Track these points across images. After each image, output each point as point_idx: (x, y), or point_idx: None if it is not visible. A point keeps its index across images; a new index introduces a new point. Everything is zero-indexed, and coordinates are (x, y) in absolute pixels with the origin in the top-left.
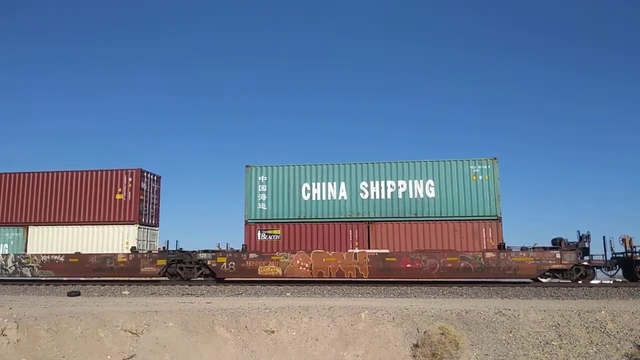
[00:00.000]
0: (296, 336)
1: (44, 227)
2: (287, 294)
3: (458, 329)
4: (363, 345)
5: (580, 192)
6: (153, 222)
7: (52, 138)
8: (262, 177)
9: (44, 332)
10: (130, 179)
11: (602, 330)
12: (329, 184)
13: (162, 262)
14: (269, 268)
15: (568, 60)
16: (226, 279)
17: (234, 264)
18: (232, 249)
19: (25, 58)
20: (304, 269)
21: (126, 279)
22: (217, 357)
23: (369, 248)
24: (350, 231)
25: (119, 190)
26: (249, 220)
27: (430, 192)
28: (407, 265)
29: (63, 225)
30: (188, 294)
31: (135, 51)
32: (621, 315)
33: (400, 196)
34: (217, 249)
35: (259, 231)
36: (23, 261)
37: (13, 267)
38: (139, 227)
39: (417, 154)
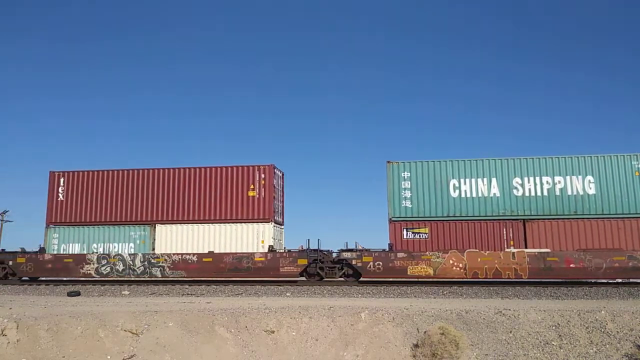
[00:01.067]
0: (296, 336)
1: (172, 225)
2: (287, 294)
3: (458, 329)
4: (363, 345)
5: None
6: (281, 220)
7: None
8: (405, 173)
9: (44, 332)
10: (262, 175)
11: (602, 330)
12: (479, 180)
13: (303, 261)
14: (419, 268)
15: None
16: (372, 279)
17: (380, 263)
18: (362, 248)
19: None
20: (458, 269)
21: (265, 279)
22: (217, 357)
23: (525, 247)
24: (504, 229)
25: (251, 186)
26: (393, 218)
27: (590, 188)
28: (571, 265)
29: (193, 223)
30: (188, 294)
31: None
32: (621, 315)
33: (557, 193)
34: (360, 247)
35: (405, 229)
36: (152, 261)
37: (142, 267)
38: (273, 226)
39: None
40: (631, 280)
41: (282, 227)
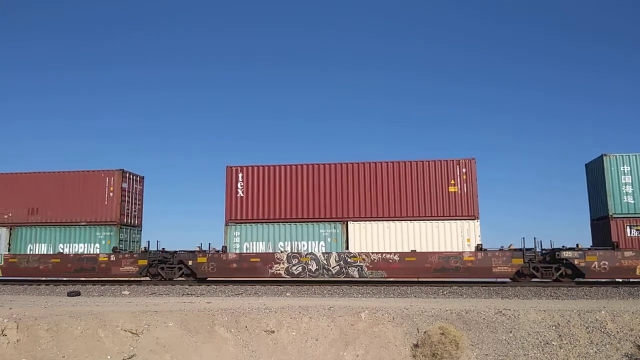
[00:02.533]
0: (296, 336)
1: (366, 222)
2: (287, 294)
3: (458, 329)
4: (363, 345)
5: None
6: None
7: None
8: (625, 167)
9: (44, 332)
10: (463, 170)
11: (602, 330)
12: None
13: (519, 261)
14: None
15: None
16: (596, 280)
17: (606, 263)
18: (583, 247)
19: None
20: None
21: (474, 280)
22: (217, 357)
23: None
24: None
25: (452, 182)
26: (615, 215)
27: None
28: None
29: (388, 220)
30: (188, 294)
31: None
32: (621, 315)
33: None
34: (579, 247)
35: (628, 227)
36: (349, 260)
37: (337, 267)
38: (479, 223)
39: None
40: None
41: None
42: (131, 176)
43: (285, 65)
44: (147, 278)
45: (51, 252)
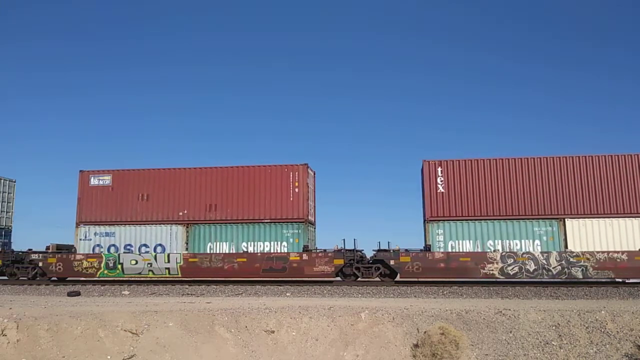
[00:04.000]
0: (296, 336)
1: (587, 219)
2: (287, 294)
3: (458, 329)
4: (363, 345)
5: None
6: None
7: None
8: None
9: (44, 332)
10: None
11: (602, 330)
12: None
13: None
14: None
15: None
16: None
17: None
18: None
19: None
20: None
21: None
22: (217, 357)
23: None
24: None
25: None
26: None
27: None
28: None
29: (613, 217)
30: (188, 294)
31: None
32: (621, 315)
33: None
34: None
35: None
36: (571, 260)
37: (558, 267)
38: None
39: None
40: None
41: None
42: (310, 171)
43: (293, 65)
44: (338, 278)
45: (234, 251)
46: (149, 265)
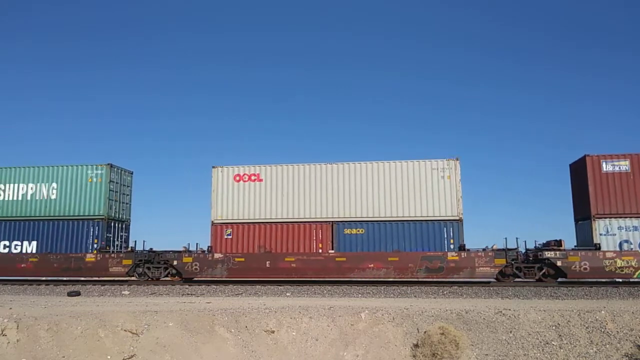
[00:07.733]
0: (296, 336)
1: None
2: (287, 294)
3: (458, 329)
4: (363, 345)
5: None
6: None
7: None
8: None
9: (44, 332)
10: None
11: (602, 330)
12: None
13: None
14: None
15: None
16: None
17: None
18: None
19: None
20: None
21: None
22: (217, 357)
23: None
24: None
25: None
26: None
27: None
28: None
29: None
30: (188, 294)
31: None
32: (621, 315)
33: None
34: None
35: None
36: None
37: None
38: None
39: None
40: None
41: None
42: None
43: (287, 65)
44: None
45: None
46: None
